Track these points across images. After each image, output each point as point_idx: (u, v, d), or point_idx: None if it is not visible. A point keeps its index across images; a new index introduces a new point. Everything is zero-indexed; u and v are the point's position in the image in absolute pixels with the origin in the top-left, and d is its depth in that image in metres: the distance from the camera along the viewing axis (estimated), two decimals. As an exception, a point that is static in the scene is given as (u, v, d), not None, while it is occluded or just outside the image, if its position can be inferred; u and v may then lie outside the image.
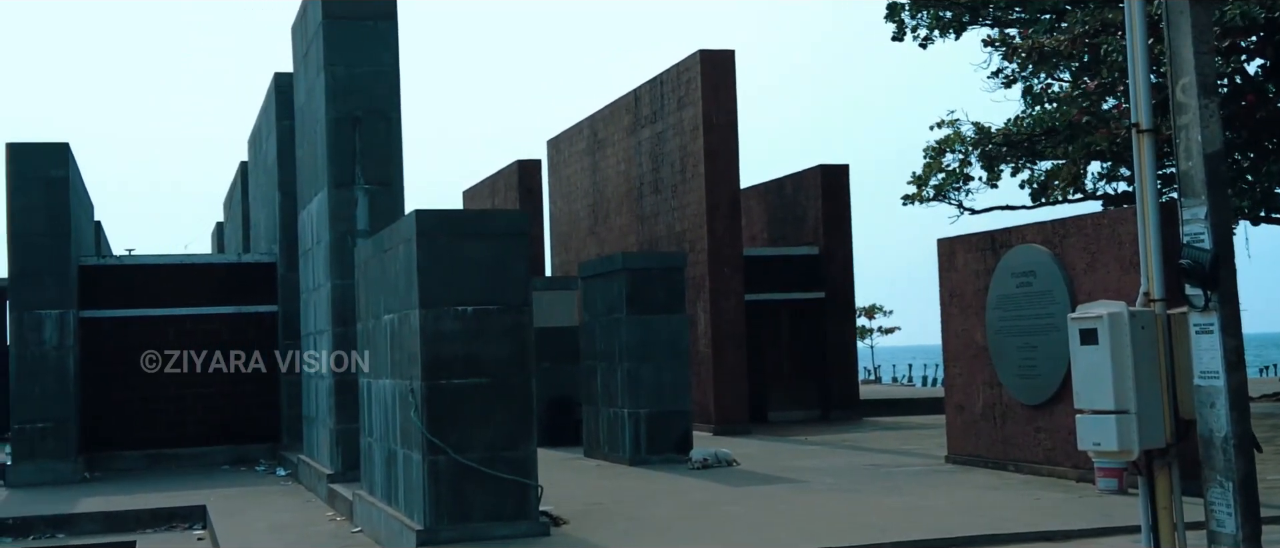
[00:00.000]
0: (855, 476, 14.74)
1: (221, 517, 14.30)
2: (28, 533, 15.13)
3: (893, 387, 43.70)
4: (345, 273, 15.48)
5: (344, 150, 15.71)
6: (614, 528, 11.25)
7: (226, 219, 37.33)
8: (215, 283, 22.34)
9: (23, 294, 19.74)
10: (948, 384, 15.84)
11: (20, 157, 19.97)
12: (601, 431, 17.95)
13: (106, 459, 21.05)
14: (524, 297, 10.82)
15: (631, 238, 25.87)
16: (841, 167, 25.76)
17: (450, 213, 11.07)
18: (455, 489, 10.48)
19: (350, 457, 14.97)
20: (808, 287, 25.27)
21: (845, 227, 25.45)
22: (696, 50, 22.68)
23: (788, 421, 24.22)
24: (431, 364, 10.54)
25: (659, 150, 24.39)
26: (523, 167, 32.04)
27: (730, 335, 22.39)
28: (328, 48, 15.75)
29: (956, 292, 15.41)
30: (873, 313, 62.30)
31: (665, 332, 17.16)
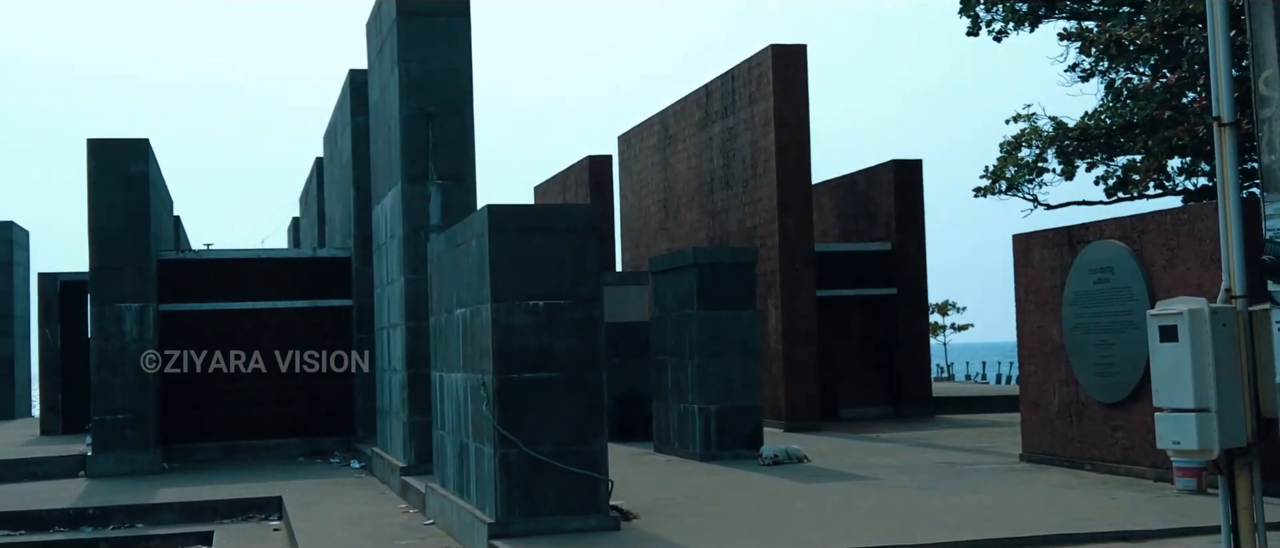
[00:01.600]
0: (928, 473, 14.61)
1: (297, 508, 14.48)
2: (107, 523, 15.42)
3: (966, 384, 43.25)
4: (418, 268, 15.60)
5: (417, 146, 15.84)
6: (684, 523, 11.24)
7: (302, 214, 37.78)
8: (291, 277, 22.62)
9: (104, 288, 20.12)
10: (1023, 382, 15.65)
11: (101, 152, 20.35)
12: (671, 426, 17.95)
13: (184, 451, 21.41)
14: (594, 291, 10.84)
15: (702, 233, 25.83)
16: (915, 162, 25.53)
17: (522, 208, 11.12)
18: (526, 483, 10.53)
19: (423, 450, 15.11)
20: (880, 283, 25.09)
21: (918, 222, 25.22)
22: (768, 45, 22.59)
23: (859, 417, 24.06)
24: (503, 358, 10.59)
25: (730, 145, 24.32)
26: (594, 162, 32.10)
27: (801, 331, 22.28)
28: (401, 44, 15.88)
29: (1032, 288, 15.21)
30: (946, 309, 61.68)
31: (736, 327, 17.12)
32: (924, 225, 25.31)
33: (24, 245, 35.90)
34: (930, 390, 25.65)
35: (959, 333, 63.47)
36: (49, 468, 19.82)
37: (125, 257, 20.19)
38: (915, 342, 25.24)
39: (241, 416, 22.04)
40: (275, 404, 22.19)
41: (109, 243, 20.17)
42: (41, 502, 16.28)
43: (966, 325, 62.86)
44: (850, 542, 10.04)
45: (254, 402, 22.11)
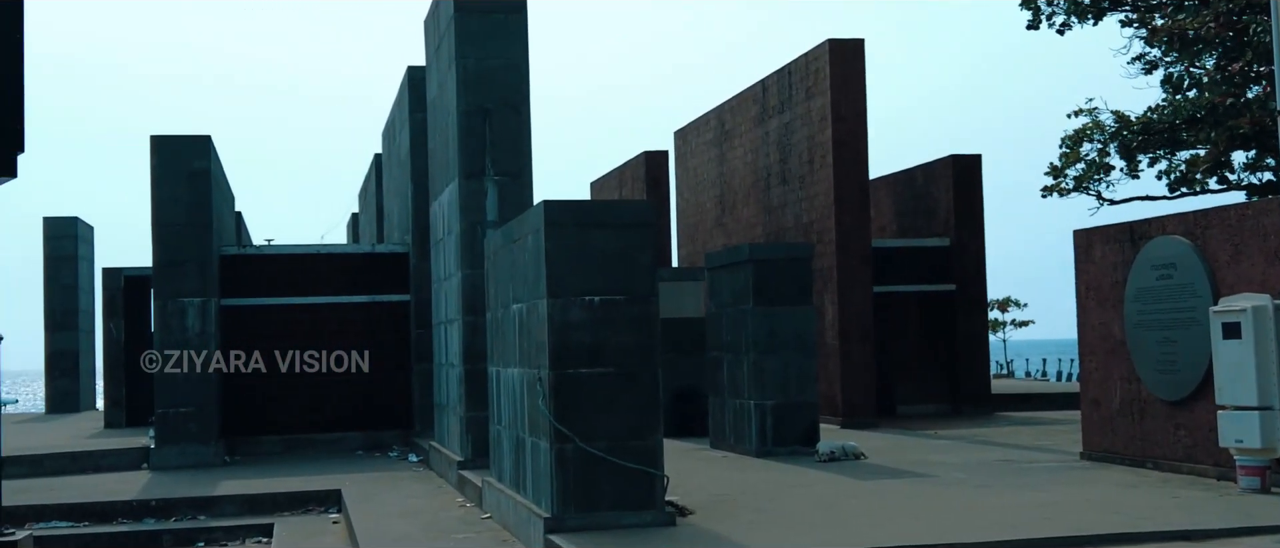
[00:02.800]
0: (986, 471, 14.49)
1: (356, 502, 14.62)
2: (170, 515, 15.64)
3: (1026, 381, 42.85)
4: (475, 263, 15.69)
5: (474, 142, 15.92)
6: (739, 520, 11.22)
7: (361, 210, 38.10)
8: (350, 272, 22.83)
9: (167, 283, 20.40)
10: (1083, 379, 15.48)
11: (164, 149, 20.63)
12: (727, 422, 17.93)
13: (246, 444, 21.67)
14: (650, 287, 10.84)
15: (758, 229, 25.77)
16: (974, 157, 25.31)
17: (578, 203, 11.14)
18: (582, 478, 10.55)
19: (480, 444, 15.19)
20: (938, 279, 24.91)
21: (977, 218, 25.01)
22: (825, 40, 22.48)
23: (916, 414, 23.91)
24: (559, 353, 10.62)
25: (787, 141, 24.24)
26: (650, 158, 32.12)
27: (858, 327, 22.17)
28: (459, 41, 15.97)
29: (1093, 284, 15.05)
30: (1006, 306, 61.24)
31: (792, 323, 17.06)
32: (983, 221, 25.10)
33: (88, 241, 36.47)
34: (989, 387, 25.44)
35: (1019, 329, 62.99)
36: (113, 460, 20.14)
37: (188, 252, 20.46)
38: (974, 338, 25.04)
39: (301, 409, 22.28)
40: (335, 398, 22.41)
41: (172, 239, 20.45)
42: (106, 494, 16.55)
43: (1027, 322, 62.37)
44: (907, 539, 9.98)
45: (314, 395, 22.33)
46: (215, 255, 21.17)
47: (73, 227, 34.91)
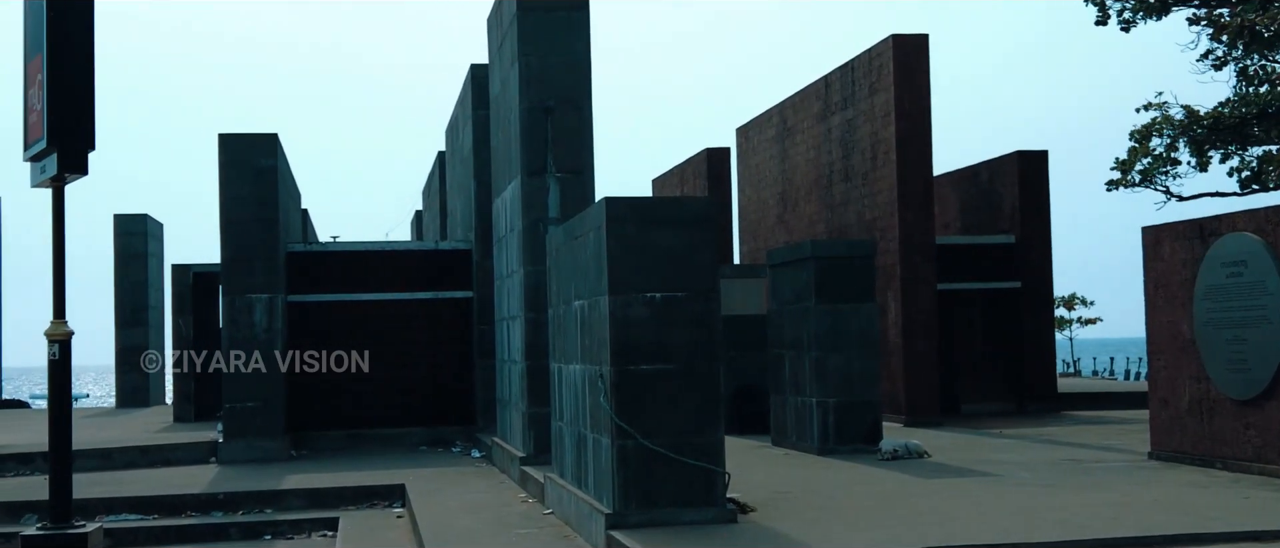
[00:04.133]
0: (1053, 470, 14.34)
1: (419, 496, 14.73)
2: (237, 508, 15.84)
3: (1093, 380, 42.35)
4: (537, 259, 15.76)
5: (536, 139, 15.99)
6: (801, 517, 11.18)
7: (425, 207, 38.39)
8: (414, 269, 23.01)
9: (234, 279, 20.67)
10: (1152, 378, 15.27)
11: (232, 147, 20.90)
12: (789, 419, 17.87)
13: (311, 438, 21.91)
14: (711, 284, 10.83)
15: (820, 226, 25.65)
16: (1040, 153, 25.06)
17: (639, 200, 11.15)
18: (643, 474, 10.56)
19: (542, 440, 15.25)
20: (1003, 276, 24.68)
21: (1043, 215, 24.75)
22: (889, 35, 22.34)
23: (981, 413, 23.71)
24: (620, 350, 10.64)
25: (849, 137, 24.11)
26: (711, 154, 32.07)
27: (922, 325, 22.01)
28: (521, 38, 16.03)
29: (1162, 282, 14.84)
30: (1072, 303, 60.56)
31: (854, 321, 16.97)
32: (1049, 218, 24.84)
33: (158, 238, 37.03)
34: (1055, 386, 25.17)
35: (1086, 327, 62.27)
36: (181, 454, 20.43)
37: (255, 249, 20.72)
38: (1040, 336, 24.79)
39: (366, 404, 22.49)
40: (399, 394, 22.59)
41: (239, 235, 20.71)
42: (174, 487, 16.80)
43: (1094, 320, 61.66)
44: (971, 538, 9.89)
45: (378, 391, 22.54)
46: (282, 252, 21.41)
47: (143, 224, 35.46)
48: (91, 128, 10.79)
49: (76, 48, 10.73)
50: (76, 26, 10.74)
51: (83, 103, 10.72)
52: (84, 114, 10.73)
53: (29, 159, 11.33)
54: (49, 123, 10.62)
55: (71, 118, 10.66)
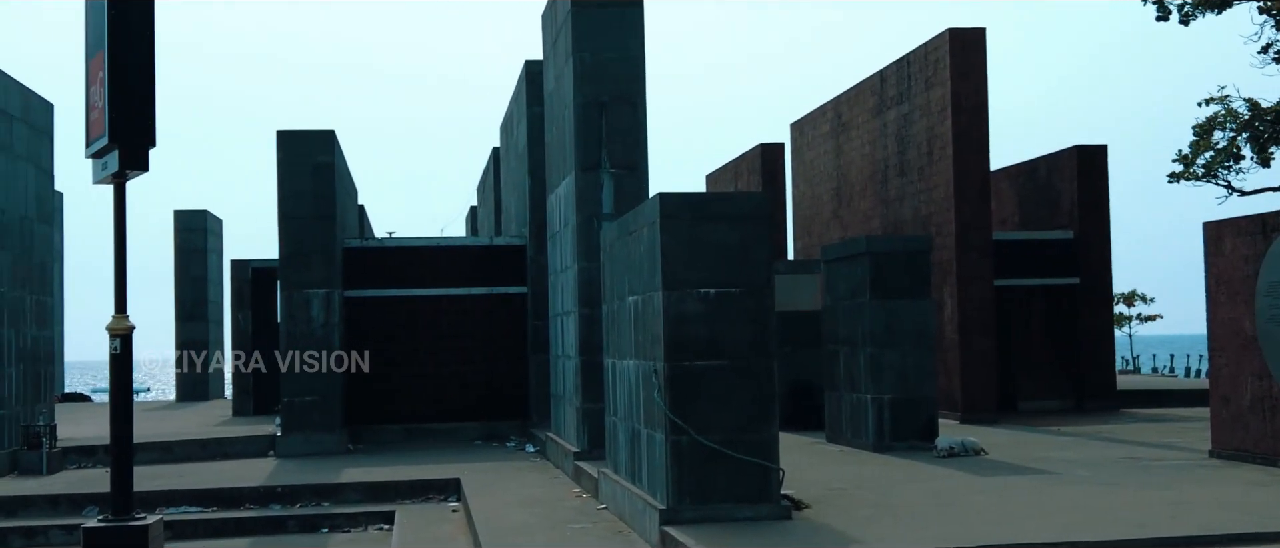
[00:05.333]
0: (1111, 468, 14.17)
1: (474, 491, 14.80)
2: (295, 501, 15.99)
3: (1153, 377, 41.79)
4: (591, 255, 15.78)
5: (590, 135, 16.00)
6: (856, 514, 11.13)
7: (479, 203, 38.55)
8: (469, 265, 23.12)
9: (292, 274, 20.86)
10: (1213, 375, 15.05)
11: (290, 144, 21.09)
12: (843, 416, 17.79)
13: (368, 432, 22.08)
14: (765, 279, 10.80)
15: (875, 221, 25.51)
16: (1099, 147, 24.77)
17: (693, 196, 11.13)
18: (697, 470, 10.55)
19: (596, 435, 15.28)
20: (1062, 272, 24.43)
21: (1102, 210, 24.48)
22: (945, 29, 22.17)
23: (1038, 410, 23.49)
24: (674, 346, 10.63)
25: (905, 132, 23.95)
26: (766, 150, 31.97)
27: (978, 321, 21.84)
28: (576, 35, 16.06)
29: (1223, 278, 14.62)
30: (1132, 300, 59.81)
31: (910, 317, 16.87)
32: (1109, 213, 24.57)
33: (217, 233, 37.45)
34: (1114, 383, 24.88)
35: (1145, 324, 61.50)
36: (240, 448, 20.66)
37: (312, 244, 20.91)
38: (1098, 333, 24.52)
39: (422, 399, 22.63)
40: (453, 388, 22.72)
41: (297, 231, 20.90)
42: (233, 480, 16.98)
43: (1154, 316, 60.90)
44: (1029, 536, 9.79)
45: (433, 386, 22.68)
46: (339, 247, 21.59)
47: (202, 220, 35.88)
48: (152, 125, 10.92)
49: (137, 45, 10.85)
50: (137, 24, 10.87)
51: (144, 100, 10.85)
52: (145, 111, 10.85)
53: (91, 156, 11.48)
54: (110, 120, 10.75)
55: (133, 115, 10.79)
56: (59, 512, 15.57)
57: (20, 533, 14.83)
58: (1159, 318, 61.30)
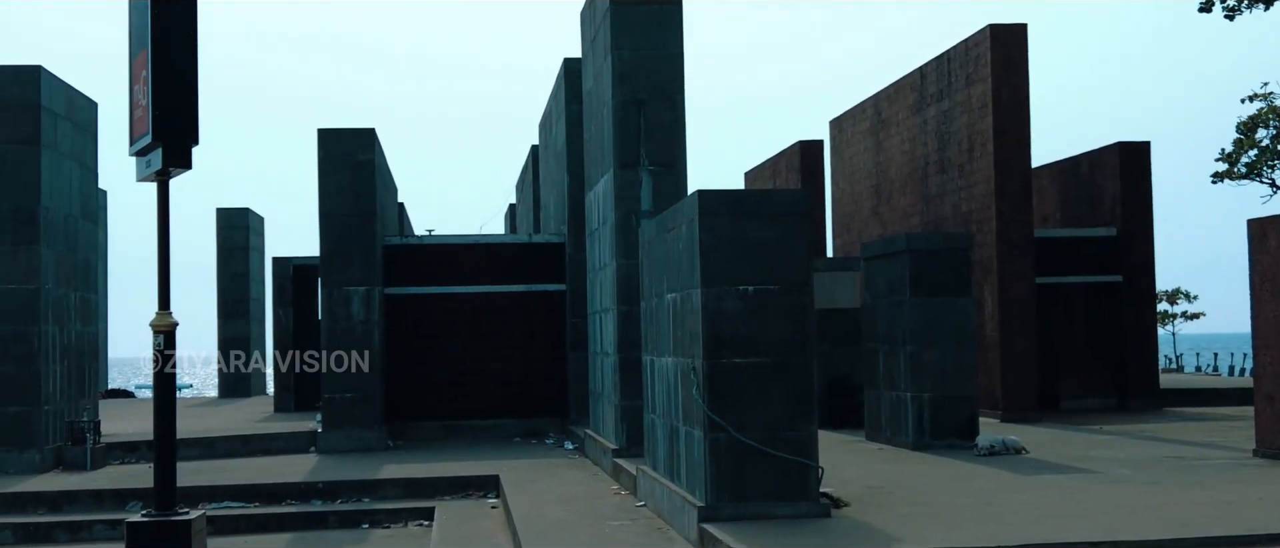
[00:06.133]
0: (1154, 468, 14.05)
1: (513, 487, 14.84)
2: (336, 497, 16.09)
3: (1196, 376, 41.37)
4: (629, 252, 15.78)
5: (629, 132, 16.01)
6: (896, 513, 11.08)
7: (518, 201, 38.64)
8: (508, 262, 23.19)
9: (333, 272, 20.98)
10: (1258, 373, 14.89)
11: (331, 142, 21.20)
12: (883, 414, 17.72)
13: (407, 428, 22.18)
14: (804, 277, 10.77)
15: (915, 219, 25.38)
16: (1142, 144, 24.55)
17: (732, 193, 11.12)
18: (736, 467, 10.54)
19: (634, 432, 15.28)
20: (1104, 269, 24.23)
21: (1145, 207, 24.26)
22: (986, 25, 22.03)
23: (1081, 409, 23.30)
24: (712, 343, 10.62)
25: (945, 129, 23.82)
26: (805, 147, 31.87)
27: (1019, 319, 21.69)
28: (614, 32, 16.06)
29: (1268, 275, 14.45)
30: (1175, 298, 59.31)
31: (950, 314, 16.78)
32: (1152, 210, 24.35)
33: (259, 231, 37.72)
34: (1157, 382, 24.66)
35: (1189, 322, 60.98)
36: (282, 444, 20.80)
37: (353, 242, 21.02)
38: (1141, 331, 24.30)
39: (461, 396, 22.72)
40: (492, 385, 22.80)
41: (338, 229, 21.02)
42: (275, 476, 17.10)
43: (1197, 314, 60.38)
44: (1070, 536, 9.73)
45: (473, 383, 22.76)
46: (379, 245, 21.69)
47: (244, 218, 36.14)
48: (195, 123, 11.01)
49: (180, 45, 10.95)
50: (180, 24, 10.97)
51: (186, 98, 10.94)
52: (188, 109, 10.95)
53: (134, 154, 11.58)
54: (154, 118, 10.85)
55: (176, 113, 10.88)
56: (103, 507, 15.74)
57: (65, 528, 15.00)
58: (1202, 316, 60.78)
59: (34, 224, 18.34)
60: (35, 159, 18.43)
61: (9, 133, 18.38)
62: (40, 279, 18.34)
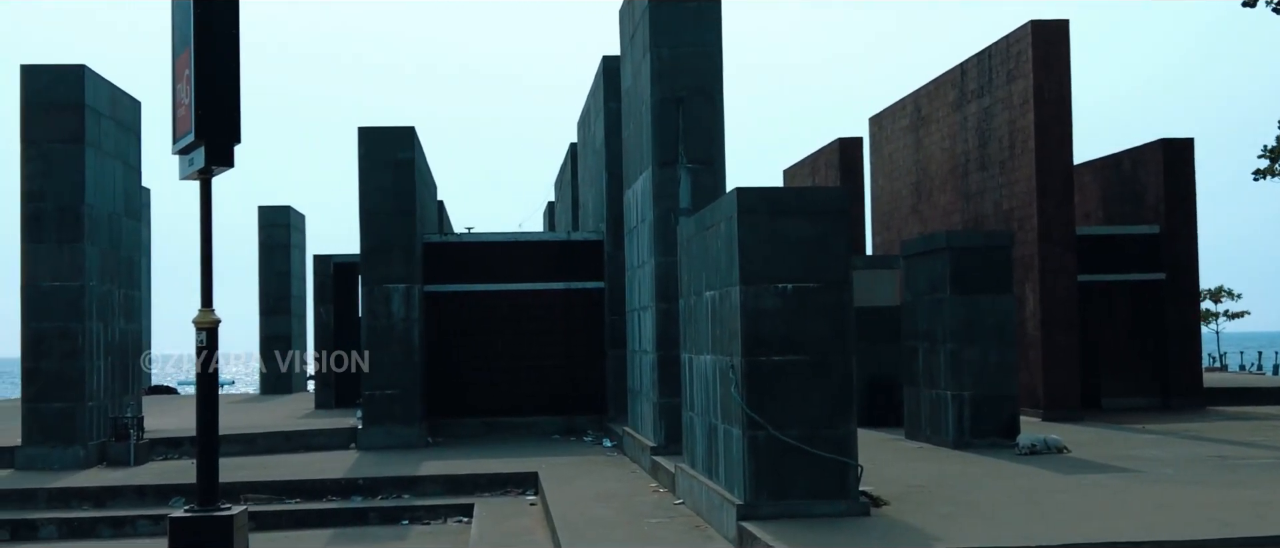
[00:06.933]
0: (1197, 467, 13.91)
1: (552, 485, 14.87)
2: (376, 493, 16.17)
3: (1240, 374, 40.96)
4: (668, 250, 15.78)
5: (668, 130, 16.00)
6: (935, 511, 11.03)
7: (557, 198, 38.70)
8: (547, 260, 23.23)
9: (373, 269, 21.10)
10: (1303, 373, 14.72)
11: (371, 140, 21.32)
12: (923, 412, 17.63)
13: (446, 425, 22.27)
14: (844, 274, 10.73)
15: (956, 216, 25.24)
16: (1185, 140, 24.32)
17: (771, 190, 11.09)
18: (775, 466, 10.52)
19: (672, 430, 15.28)
20: (1147, 267, 24.03)
21: (1189, 204, 24.03)
22: (1027, 21, 21.88)
23: (1123, 408, 23.12)
24: (751, 341, 10.60)
25: (986, 126, 23.67)
26: (844, 144, 31.76)
27: (1061, 317, 21.53)
28: (653, 30, 16.06)
29: (1314, 273, 14.28)
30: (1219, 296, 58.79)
31: (991, 312, 16.68)
32: (1195, 207, 24.12)
33: (300, 229, 37.96)
34: (1201, 381, 24.43)
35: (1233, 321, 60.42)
36: (322, 440, 20.93)
37: (393, 240, 21.13)
38: (1185, 329, 24.08)
39: (500, 393, 22.78)
40: (531, 382, 22.85)
41: (378, 226, 21.13)
42: (315, 472, 17.21)
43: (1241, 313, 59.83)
44: (1112, 535, 9.65)
45: (511, 380, 22.82)
46: (419, 243, 21.79)
47: (286, 215, 36.39)
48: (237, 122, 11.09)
49: (223, 44, 11.03)
50: (223, 23, 11.05)
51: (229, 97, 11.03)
52: (230, 108, 11.03)
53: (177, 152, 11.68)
54: (197, 117, 10.93)
55: (218, 112, 10.97)
56: (146, 502, 15.90)
57: (108, 523, 15.16)
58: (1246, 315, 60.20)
59: (78, 222, 18.55)
60: (79, 158, 18.63)
61: (54, 132, 18.60)
62: (84, 277, 18.53)
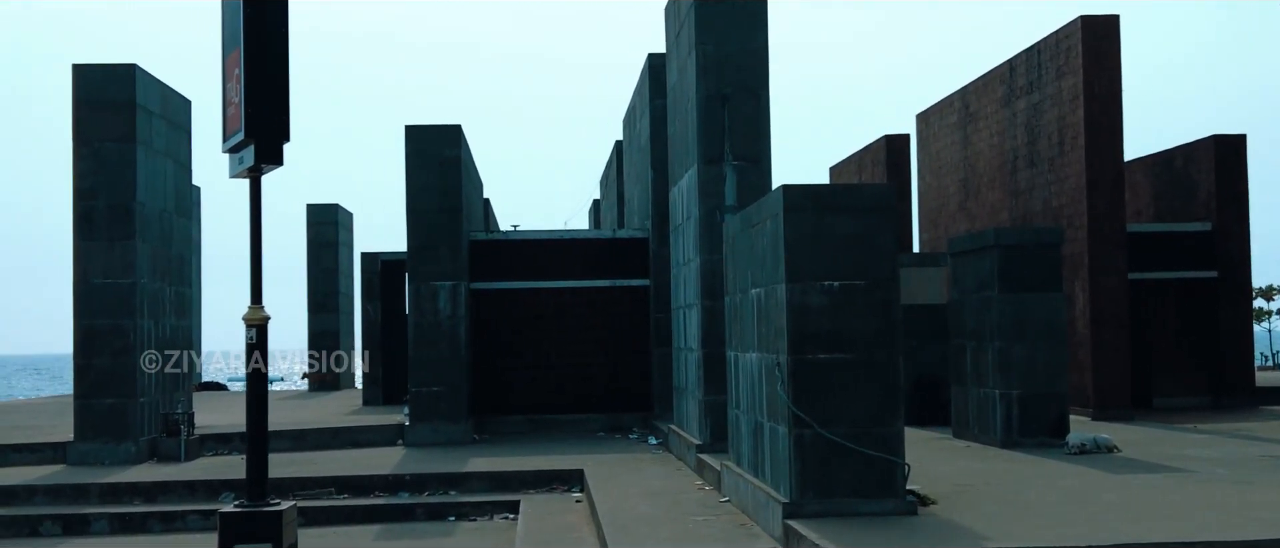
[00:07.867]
0: (1249, 467, 13.74)
1: (598, 482, 14.89)
2: (423, 489, 16.26)
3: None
4: (714, 248, 15.76)
5: (713, 127, 15.98)
6: (983, 510, 10.95)
7: (602, 196, 38.74)
8: (592, 257, 23.27)
9: (420, 267, 21.21)
10: (1359, 372, 14.50)
11: (418, 138, 21.43)
12: (970, 411, 17.52)
13: (493, 422, 22.36)
14: (891, 272, 10.68)
15: (1004, 214, 25.05)
16: (1238, 137, 24.04)
17: (817, 188, 11.06)
18: (821, 464, 10.48)
19: (718, 428, 15.26)
20: (1198, 265, 23.77)
21: (1241, 202, 23.75)
22: (1077, 16, 21.68)
23: (1174, 407, 22.86)
24: (797, 338, 10.57)
25: (1035, 122, 23.48)
26: (891, 141, 31.59)
27: (1111, 315, 21.32)
28: (699, 27, 16.04)
29: (1371, 271, 14.06)
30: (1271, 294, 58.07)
31: (1040, 310, 16.54)
32: (1248, 204, 23.84)
33: (347, 227, 38.22)
34: (1253, 380, 24.13)
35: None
36: (370, 437, 21.06)
37: (440, 237, 21.23)
38: (1237, 328, 23.80)
39: (545, 390, 22.84)
40: (576, 380, 22.89)
41: (425, 224, 21.25)
42: (363, 468, 17.33)
43: (1295, 311, 59.07)
44: (1164, 536, 9.54)
45: (557, 377, 22.87)
46: (465, 240, 21.88)
47: (334, 213, 36.65)
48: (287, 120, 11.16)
49: (272, 43, 11.11)
50: (272, 23, 11.13)
51: (278, 96, 11.10)
52: (279, 107, 11.10)
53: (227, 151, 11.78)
54: (246, 116, 11.01)
55: (268, 111, 11.04)
56: (196, 497, 16.06)
57: (159, 518, 15.32)
58: (1302, 313, 59.43)
59: (130, 220, 18.75)
60: (131, 156, 18.84)
61: (105, 131, 18.81)
62: (136, 274, 18.74)
